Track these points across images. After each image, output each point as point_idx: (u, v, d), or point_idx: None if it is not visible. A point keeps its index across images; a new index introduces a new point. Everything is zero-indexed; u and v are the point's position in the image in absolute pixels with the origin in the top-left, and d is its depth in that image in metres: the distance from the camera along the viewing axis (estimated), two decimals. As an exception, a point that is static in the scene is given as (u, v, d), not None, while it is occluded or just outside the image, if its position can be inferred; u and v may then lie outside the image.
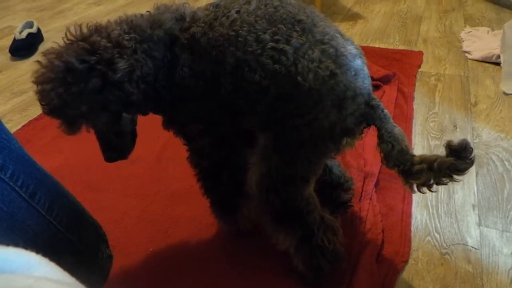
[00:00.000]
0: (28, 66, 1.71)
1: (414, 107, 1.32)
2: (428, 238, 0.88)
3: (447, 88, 1.42)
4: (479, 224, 0.90)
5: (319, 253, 0.72)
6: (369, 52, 1.66)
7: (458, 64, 1.56)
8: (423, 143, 1.16)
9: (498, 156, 1.09)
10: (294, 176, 0.68)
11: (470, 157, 0.55)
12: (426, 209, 0.95)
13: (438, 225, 0.91)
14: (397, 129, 0.63)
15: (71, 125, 0.63)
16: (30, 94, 1.48)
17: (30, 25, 1.87)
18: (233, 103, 0.66)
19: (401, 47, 1.71)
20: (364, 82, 0.64)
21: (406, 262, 0.82)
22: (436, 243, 0.86)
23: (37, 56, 1.79)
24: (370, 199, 0.96)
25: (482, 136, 1.17)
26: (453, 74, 1.50)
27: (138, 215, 0.96)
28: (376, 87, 1.41)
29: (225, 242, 0.88)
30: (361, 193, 0.97)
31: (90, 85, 0.59)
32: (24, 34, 1.78)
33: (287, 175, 0.68)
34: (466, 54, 1.61)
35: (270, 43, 0.60)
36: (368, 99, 0.64)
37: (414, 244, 0.86)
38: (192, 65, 0.66)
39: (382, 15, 2.06)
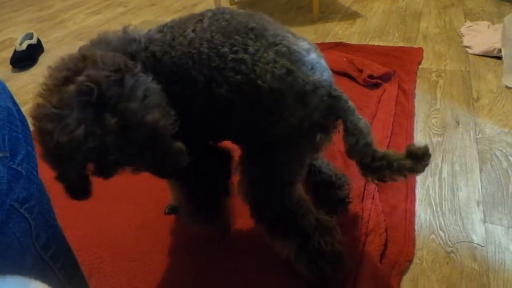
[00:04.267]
0: (29, 77, 1.73)
1: (416, 104, 1.31)
2: (433, 236, 0.86)
3: (449, 84, 1.40)
4: (484, 221, 0.88)
5: (318, 256, 0.71)
6: (368, 50, 1.66)
7: (459, 60, 1.54)
8: (425, 140, 1.15)
9: (502, 151, 1.08)
10: (278, 181, 0.68)
11: (427, 162, 0.62)
12: (429, 207, 0.94)
13: (443, 223, 0.89)
14: (363, 122, 0.64)
15: None
16: (31, 105, 1.48)
17: (30, 36, 1.88)
18: (207, 121, 0.66)
19: (400, 44, 1.70)
20: (323, 74, 0.64)
21: (410, 261, 0.81)
22: (441, 241, 0.85)
23: (37, 67, 1.81)
24: (373, 198, 0.95)
25: (485, 131, 1.15)
26: (454, 69, 1.48)
27: (140, 222, 0.96)
28: (376, 85, 1.40)
29: (226, 248, 0.87)
30: (363, 192, 0.96)
31: None
32: (24, 46, 1.79)
33: (271, 181, 0.68)
34: (467, 49, 1.60)
35: (230, 55, 0.61)
36: (329, 91, 0.64)
37: (419, 243, 0.85)
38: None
39: (381, 12, 2.05)
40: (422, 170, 0.62)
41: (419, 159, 0.61)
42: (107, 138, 0.51)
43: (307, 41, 0.67)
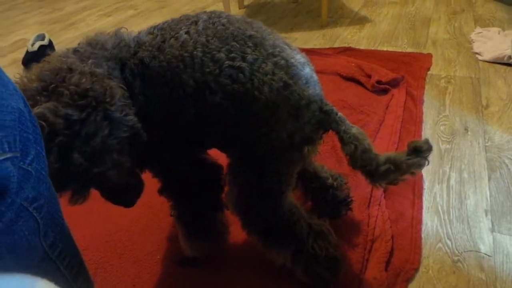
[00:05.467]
0: (40, 78, 1.75)
1: (424, 110, 1.30)
2: (439, 245, 0.85)
3: (458, 91, 1.39)
4: (492, 230, 0.87)
5: (314, 261, 0.70)
6: (377, 56, 1.65)
7: (469, 66, 1.53)
8: (434, 147, 1.13)
9: (511, 159, 1.06)
10: (268, 190, 0.67)
11: (428, 154, 0.61)
12: (436, 214, 0.93)
13: (450, 231, 0.88)
14: (355, 129, 0.63)
15: None
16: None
17: (41, 37, 1.91)
18: (196, 127, 0.65)
19: (409, 50, 1.69)
20: (315, 89, 0.64)
21: (416, 270, 0.80)
22: (448, 250, 0.84)
23: (48, 68, 1.83)
24: (379, 205, 0.94)
25: (495, 139, 1.14)
26: (464, 76, 1.47)
27: (145, 223, 0.97)
28: (384, 91, 1.40)
29: (231, 249, 0.87)
30: (370, 199, 0.96)
31: None
32: (36, 47, 1.82)
33: (261, 191, 0.67)
34: (477, 56, 1.58)
35: (227, 62, 0.60)
36: (321, 105, 0.64)
37: (425, 251, 0.84)
38: (145, 91, 0.63)
39: (390, 18, 2.04)
40: (425, 163, 0.61)
41: (423, 153, 0.60)
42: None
43: (301, 53, 0.67)
